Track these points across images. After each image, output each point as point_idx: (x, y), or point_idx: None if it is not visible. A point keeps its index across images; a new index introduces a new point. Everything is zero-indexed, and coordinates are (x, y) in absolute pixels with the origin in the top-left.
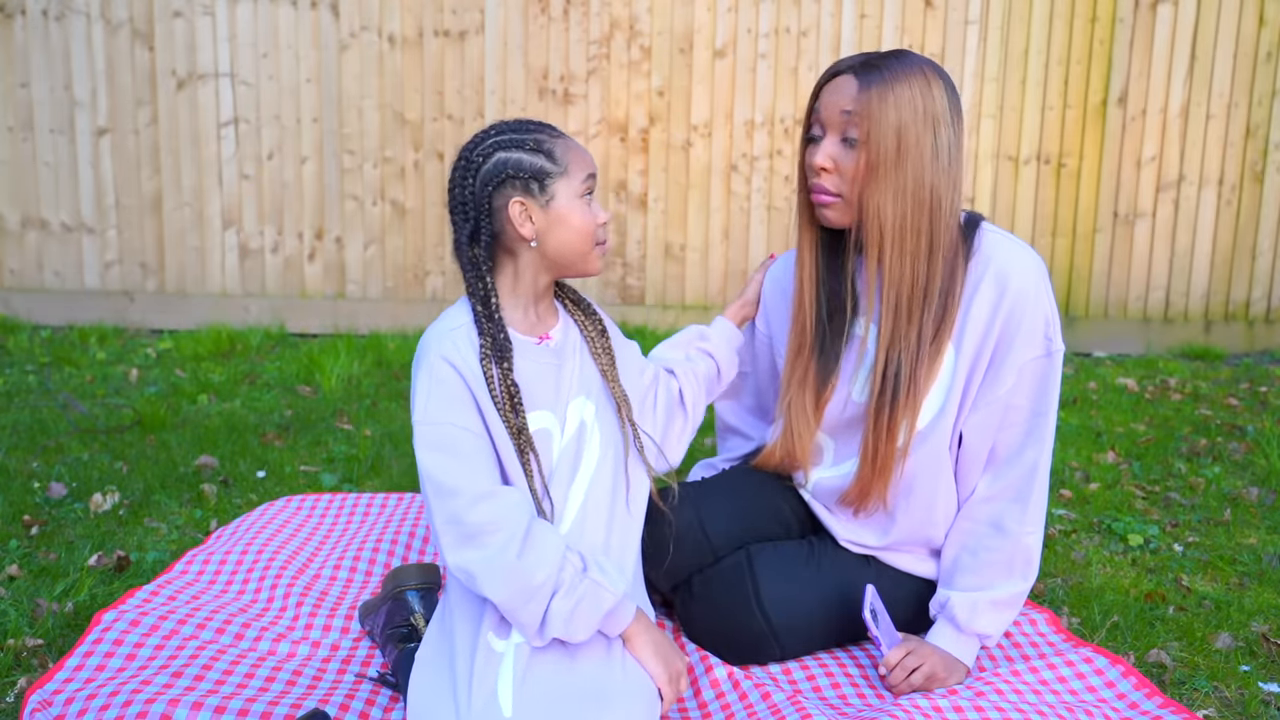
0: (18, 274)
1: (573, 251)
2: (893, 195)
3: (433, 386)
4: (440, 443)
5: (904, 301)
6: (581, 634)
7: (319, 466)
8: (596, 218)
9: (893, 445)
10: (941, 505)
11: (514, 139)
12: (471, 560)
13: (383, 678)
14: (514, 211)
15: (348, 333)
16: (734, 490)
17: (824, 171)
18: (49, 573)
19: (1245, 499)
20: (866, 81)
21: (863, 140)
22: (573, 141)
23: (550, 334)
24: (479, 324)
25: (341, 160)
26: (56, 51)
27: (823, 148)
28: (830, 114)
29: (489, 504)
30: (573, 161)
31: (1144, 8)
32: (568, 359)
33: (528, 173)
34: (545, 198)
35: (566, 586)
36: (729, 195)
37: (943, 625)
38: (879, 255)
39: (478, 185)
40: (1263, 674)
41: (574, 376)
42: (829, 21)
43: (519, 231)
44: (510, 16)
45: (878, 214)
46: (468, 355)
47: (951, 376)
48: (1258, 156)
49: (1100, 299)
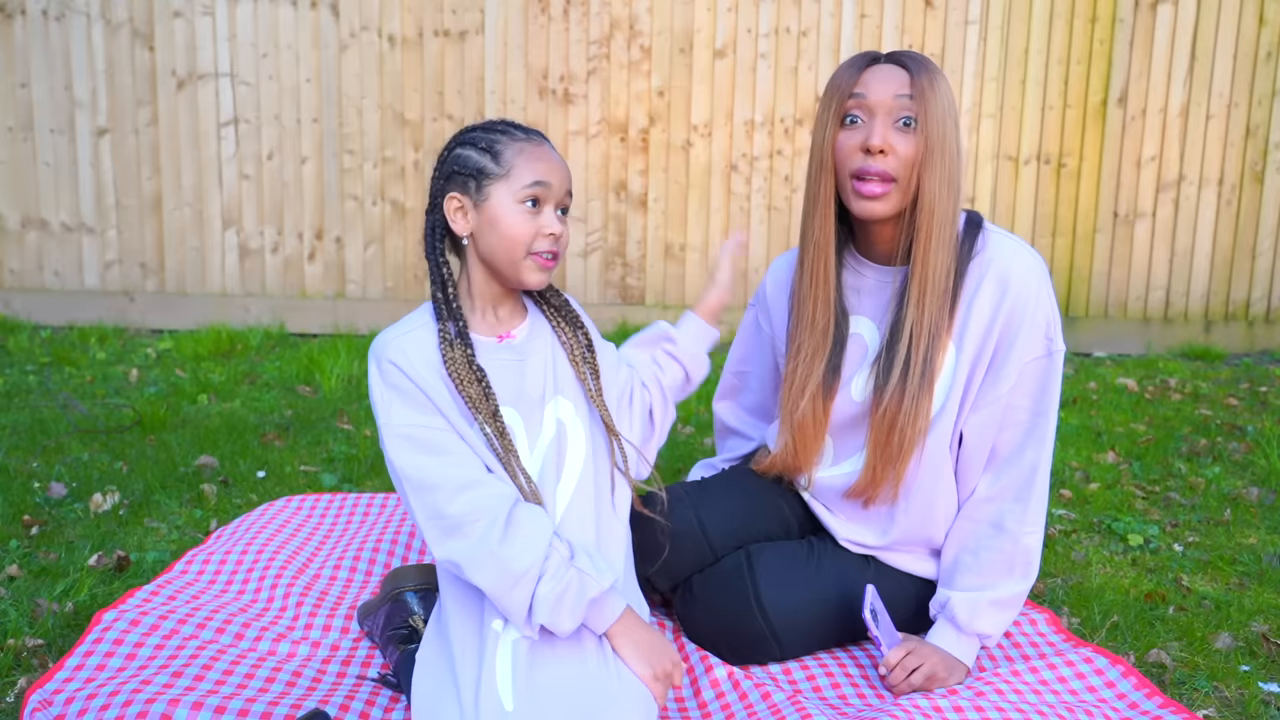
0: (18, 274)
1: (501, 257)
2: (940, 181)
3: (388, 392)
4: (411, 443)
5: (930, 289)
6: (567, 623)
7: (319, 466)
8: (540, 228)
9: (913, 431)
10: (941, 505)
11: (474, 137)
12: (456, 551)
13: (383, 678)
14: (449, 207)
15: (348, 333)
16: (734, 490)
17: (881, 153)
18: (49, 573)
19: (1245, 499)
20: (917, 69)
21: (922, 123)
22: (533, 145)
23: (512, 333)
24: (436, 310)
25: (341, 160)
26: (56, 51)
27: (877, 129)
28: (882, 97)
29: (468, 494)
30: (519, 166)
31: (1144, 8)
32: (532, 356)
33: (468, 170)
34: (479, 197)
35: (551, 572)
36: (729, 195)
37: (943, 625)
38: (925, 242)
39: (437, 177)
40: (1263, 674)
41: (545, 376)
42: (829, 21)
43: (453, 227)
44: (510, 16)
45: (931, 200)
46: (415, 360)
47: (953, 375)
48: (1258, 156)
49: (1100, 299)
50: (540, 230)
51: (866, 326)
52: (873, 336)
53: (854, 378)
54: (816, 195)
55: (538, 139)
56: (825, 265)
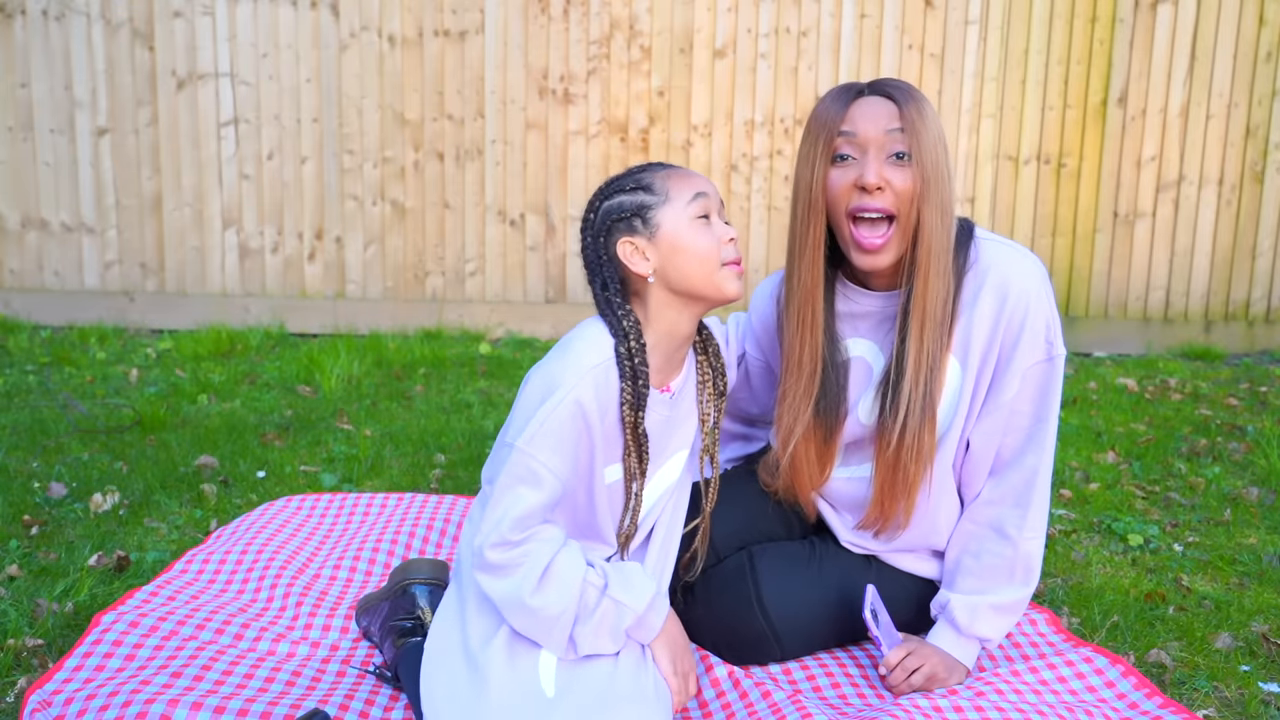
0: (18, 274)
1: (696, 275)
2: (937, 211)
3: (549, 422)
4: (527, 475)
5: (929, 321)
6: (609, 647)
7: (319, 466)
8: (720, 236)
9: (920, 467)
10: (944, 513)
11: (615, 185)
12: (492, 589)
13: (380, 673)
14: (624, 252)
15: (348, 333)
16: (737, 490)
17: (878, 191)
18: (49, 573)
19: (1245, 499)
20: (904, 99)
21: (916, 156)
22: (677, 169)
23: (670, 385)
24: (622, 368)
25: (341, 160)
26: (56, 51)
27: (871, 165)
28: (872, 132)
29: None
30: (673, 187)
31: (1144, 8)
32: (679, 410)
33: (629, 211)
34: (650, 230)
35: (588, 612)
36: (729, 195)
37: (943, 627)
38: (924, 276)
39: (593, 239)
40: (1263, 674)
41: (681, 430)
42: (829, 21)
43: (634, 271)
44: (510, 16)
45: (931, 234)
46: (604, 397)
47: (959, 391)
48: (1258, 156)
49: (1100, 299)
50: (721, 238)
51: (867, 348)
52: (875, 357)
53: (860, 401)
54: (805, 238)
55: (672, 165)
56: (814, 311)
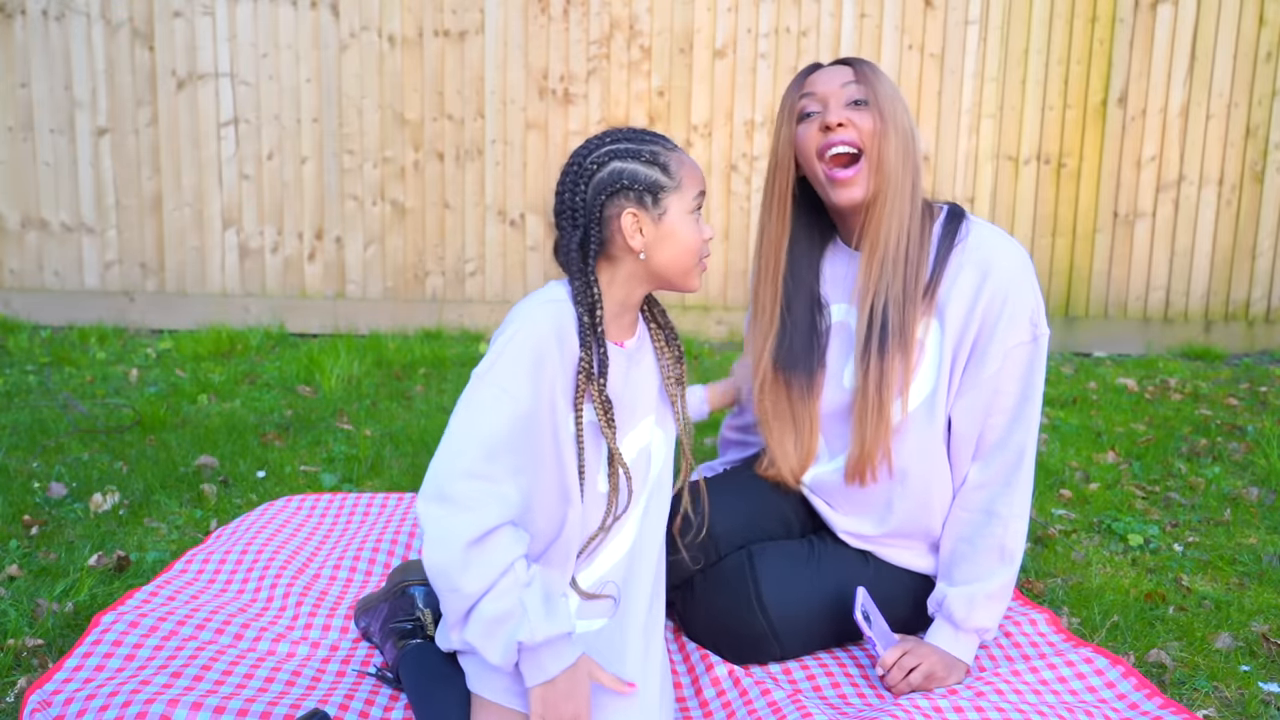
0: (18, 274)
1: (677, 267)
2: (897, 154)
3: (508, 350)
4: (485, 403)
5: (889, 257)
6: (494, 654)
7: (319, 466)
8: (703, 234)
9: (889, 390)
10: (937, 491)
11: (630, 149)
12: (430, 516)
13: (381, 674)
14: (626, 222)
15: (348, 333)
16: (737, 489)
17: (841, 127)
18: (49, 573)
19: (1245, 499)
20: (858, 63)
21: (871, 100)
22: (686, 156)
23: (624, 343)
24: (582, 335)
25: (341, 160)
26: (56, 51)
27: (832, 108)
28: (829, 89)
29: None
30: (686, 176)
31: (1144, 8)
32: (638, 367)
33: (642, 185)
34: (658, 211)
35: (499, 590)
36: (729, 195)
37: (941, 624)
38: (881, 212)
39: (590, 193)
40: (1263, 674)
41: (644, 392)
42: (829, 21)
43: (628, 242)
44: (510, 16)
45: (891, 171)
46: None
47: (939, 356)
48: (1258, 156)
49: (1100, 299)
50: (704, 236)
51: (846, 311)
52: (853, 320)
53: (844, 367)
54: (771, 192)
55: (679, 148)
56: (777, 258)
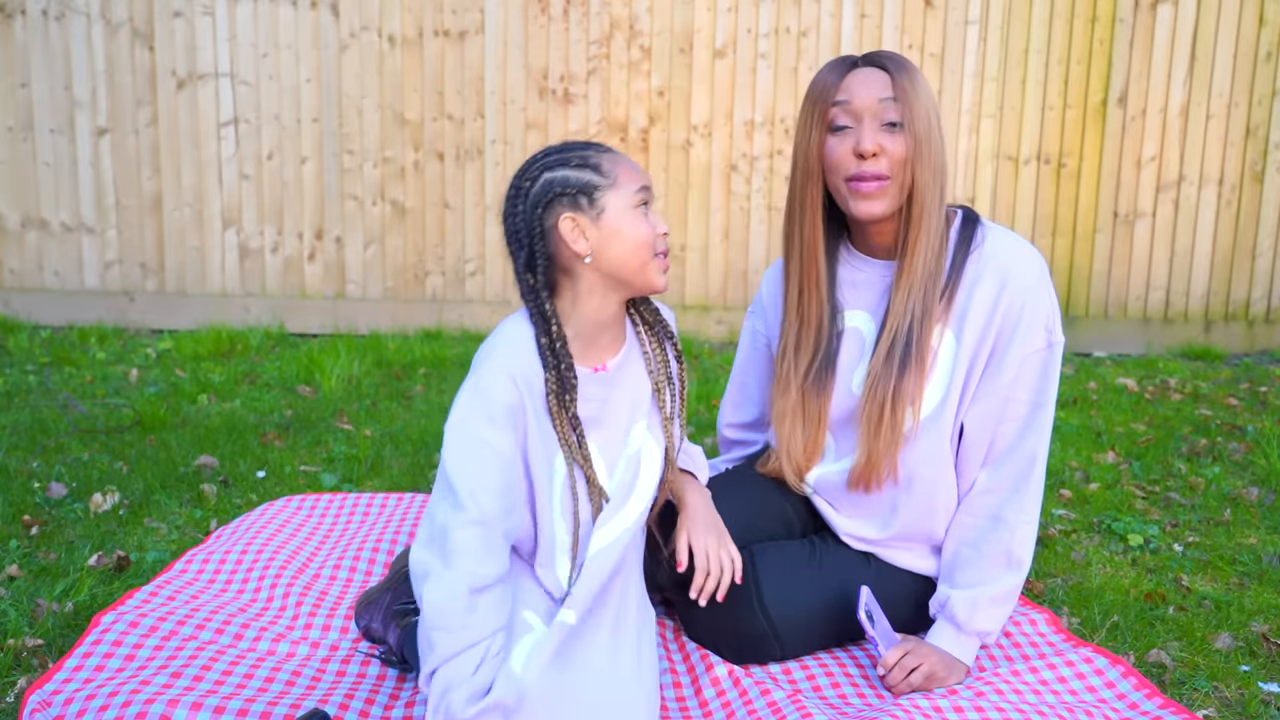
0: (18, 274)
1: (630, 264)
2: (930, 172)
3: (476, 398)
4: (469, 449)
5: (918, 277)
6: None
7: (319, 466)
8: (655, 228)
9: (902, 407)
10: (942, 497)
11: (558, 158)
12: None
13: (387, 657)
14: (565, 228)
15: (348, 333)
16: (738, 490)
17: (874, 156)
18: (49, 573)
19: (1245, 499)
20: (896, 69)
21: (907, 123)
22: (622, 155)
23: (607, 364)
24: (544, 357)
25: (341, 160)
26: (56, 51)
27: (866, 133)
28: (865, 103)
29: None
30: (622, 173)
31: (1144, 8)
32: (620, 387)
33: (575, 187)
34: (596, 211)
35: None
36: (729, 195)
37: (943, 625)
38: (915, 233)
39: (528, 209)
40: (1263, 674)
41: (632, 404)
42: (829, 21)
43: (573, 249)
44: (510, 16)
45: (923, 193)
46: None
47: (953, 365)
48: (1258, 156)
49: (1100, 299)
50: (656, 230)
51: (863, 319)
52: (869, 329)
53: (854, 372)
54: (803, 202)
55: (614, 150)
56: (817, 268)
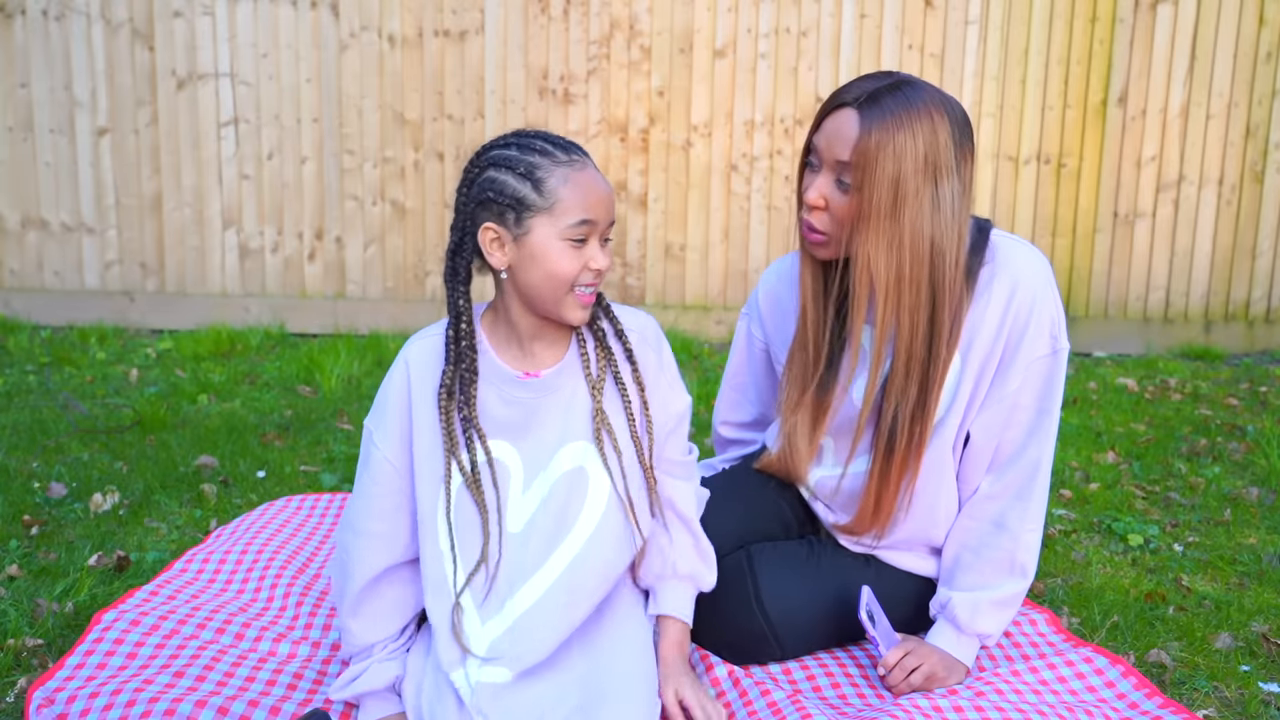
0: (18, 274)
1: (542, 294)
2: (886, 246)
3: (382, 391)
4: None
5: (902, 355)
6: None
7: (319, 466)
8: (587, 263)
9: (893, 495)
10: (943, 506)
11: (510, 157)
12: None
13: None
14: (484, 238)
15: (348, 333)
16: (734, 490)
17: (815, 209)
18: (49, 573)
19: (1245, 499)
20: (867, 124)
21: (856, 188)
22: (584, 175)
23: (540, 373)
24: (447, 347)
25: (341, 160)
26: (56, 51)
27: (816, 184)
28: (828, 154)
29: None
30: (565, 199)
31: (1144, 8)
32: (553, 395)
33: (506, 200)
34: (520, 230)
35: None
36: (729, 195)
37: (943, 626)
38: (870, 305)
39: (465, 198)
40: (1263, 674)
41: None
42: (829, 21)
43: (490, 260)
44: (510, 16)
45: (867, 264)
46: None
47: (958, 382)
48: (1258, 156)
49: (1100, 299)
50: (586, 265)
51: (866, 334)
52: (870, 338)
53: (855, 382)
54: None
55: (580, 158)
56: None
